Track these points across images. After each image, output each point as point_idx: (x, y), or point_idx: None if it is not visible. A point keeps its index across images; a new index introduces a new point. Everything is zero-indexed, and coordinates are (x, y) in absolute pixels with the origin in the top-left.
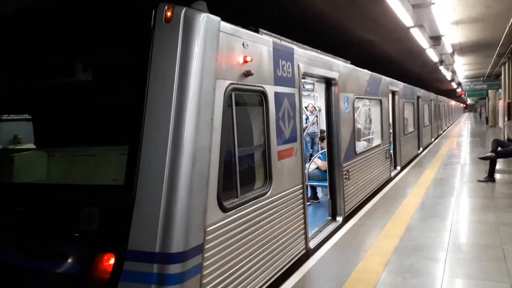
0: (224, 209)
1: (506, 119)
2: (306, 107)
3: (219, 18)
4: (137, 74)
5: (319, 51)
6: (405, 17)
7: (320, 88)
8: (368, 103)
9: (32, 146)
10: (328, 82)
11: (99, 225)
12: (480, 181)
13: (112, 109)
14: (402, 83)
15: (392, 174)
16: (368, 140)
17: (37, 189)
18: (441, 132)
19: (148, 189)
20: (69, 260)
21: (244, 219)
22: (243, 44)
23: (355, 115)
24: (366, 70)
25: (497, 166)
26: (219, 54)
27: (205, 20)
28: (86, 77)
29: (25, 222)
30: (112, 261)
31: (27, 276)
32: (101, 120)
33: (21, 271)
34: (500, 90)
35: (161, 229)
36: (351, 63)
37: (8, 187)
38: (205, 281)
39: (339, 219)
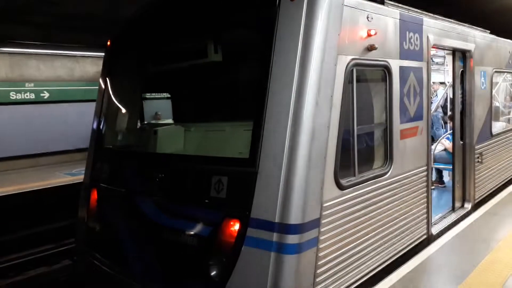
0: (341, 187)
1: None
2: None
3: None
4: (262, 53)
5: (452, 20)
6: None
7: (452, 61)
8: (511, 78)
9: (170, 121)
10: (462, 55)
11: (227, 193)
12: None
13: (239, 88)
14: None
15: None
16: (508, 120)
17: (175, 159)
18: None
19: (269, 162)
20: (200, 223)
21: (361, 198)
22: (367, 17)
23: (493, 91)
24: (510, 41)
25: None
26: (342, 29)
27: None
28: (216, 58)
29: (165, 187)
30: (237, 226)
31: (167, 232)
32: (229, 98)
33: (162, 228)
34: None
35: (280, 201)
36: (491, 33)
37: (152, 156)
38: (321, 254)
39: (467, 206)
